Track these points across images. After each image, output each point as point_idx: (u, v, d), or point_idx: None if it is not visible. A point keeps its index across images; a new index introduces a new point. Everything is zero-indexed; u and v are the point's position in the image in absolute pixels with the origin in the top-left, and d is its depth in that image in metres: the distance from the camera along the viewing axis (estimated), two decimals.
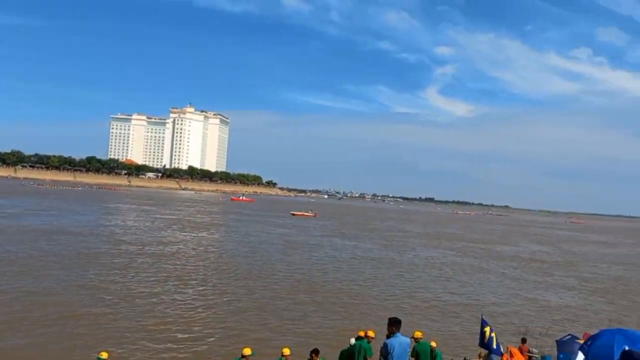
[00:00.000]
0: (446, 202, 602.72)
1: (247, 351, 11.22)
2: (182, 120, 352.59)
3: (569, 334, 10.33)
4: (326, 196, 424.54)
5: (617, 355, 5.99)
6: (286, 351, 11.45)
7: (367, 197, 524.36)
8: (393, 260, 42.13)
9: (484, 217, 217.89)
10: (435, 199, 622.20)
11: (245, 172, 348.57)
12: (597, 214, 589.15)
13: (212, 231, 55.70)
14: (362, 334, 11.89)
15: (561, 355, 9.28)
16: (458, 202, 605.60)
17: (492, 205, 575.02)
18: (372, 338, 11.63)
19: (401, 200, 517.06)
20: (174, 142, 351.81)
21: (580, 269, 46.58)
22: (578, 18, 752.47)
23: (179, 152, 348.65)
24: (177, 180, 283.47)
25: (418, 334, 12.26)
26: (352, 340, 11.77)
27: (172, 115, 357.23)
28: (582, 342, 8.53)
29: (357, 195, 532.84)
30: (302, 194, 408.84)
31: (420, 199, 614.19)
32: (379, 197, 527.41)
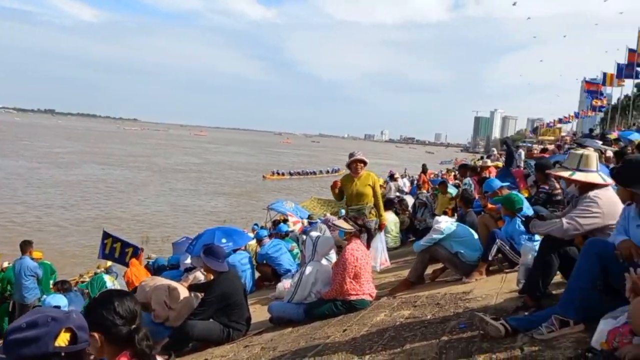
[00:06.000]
0: (69, 114, 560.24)
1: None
2: None
3: (184, 236, 10.69)
4: None
5: None
6: None
7: None
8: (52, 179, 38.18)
9: (144, 132, 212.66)
10: (57, 110, 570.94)
11: None
12: (219, 127, 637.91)
13: None
14: None
15: (172, 257, 9.44)
16: (83, 114, 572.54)
17: (121, 118, 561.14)
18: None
19: (15, 111, 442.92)
20: None
21: (225, 176, 50.58)
22: None
23: None
24: None
25: (37, 255, 11.02)
26: None
27: None
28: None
29: None
30: None
31: (38, 111, 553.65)
32: None
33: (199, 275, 6.47)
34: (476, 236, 5.65)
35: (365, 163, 6.61)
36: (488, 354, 3.02)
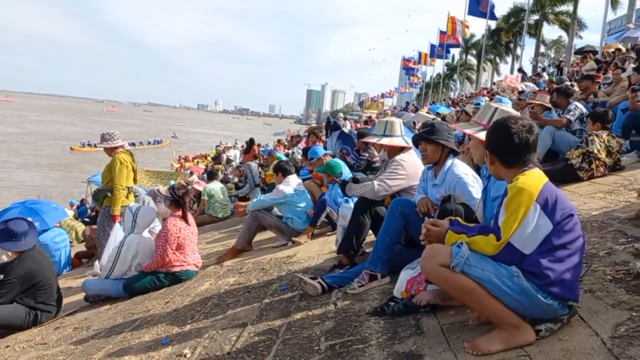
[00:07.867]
0: None
1: None
2: None
3: None
4: None
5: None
6: None
7: None
8: None
9: None
10: None
11: None
12: (30, 93, 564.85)
13: None
14: None
15: None
16: None
17: None
18: None
19: None
20: None
21: (46, 147, 45.35)
22: None
23: None
24: None
25: None
26: None
27: None
28: None
29: None
30: None
31: None
32: None
33: (4, 257, 5.64)
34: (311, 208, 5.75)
35: (109, 149, 5.94)
36: (305, 312, 3.11)
